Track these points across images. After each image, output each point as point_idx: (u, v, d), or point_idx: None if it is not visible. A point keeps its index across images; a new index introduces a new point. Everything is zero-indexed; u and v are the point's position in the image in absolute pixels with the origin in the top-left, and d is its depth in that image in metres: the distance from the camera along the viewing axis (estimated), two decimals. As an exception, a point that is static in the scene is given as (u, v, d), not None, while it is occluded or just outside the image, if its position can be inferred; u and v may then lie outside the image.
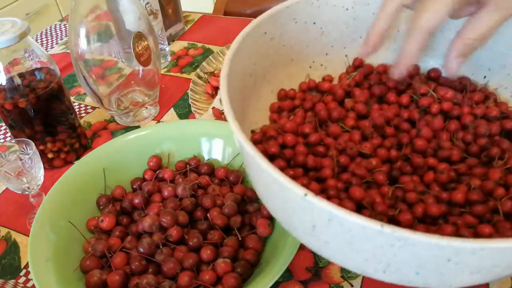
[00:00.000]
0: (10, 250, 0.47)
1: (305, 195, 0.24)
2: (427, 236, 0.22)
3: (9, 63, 0.48)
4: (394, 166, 0.36)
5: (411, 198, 0.32)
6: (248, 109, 0.39)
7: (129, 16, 0.55)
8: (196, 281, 0.38)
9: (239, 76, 0.36)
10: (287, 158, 0.36)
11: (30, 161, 0.45)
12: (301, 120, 0.39)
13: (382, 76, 0.43)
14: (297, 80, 0.43)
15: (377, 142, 0.37)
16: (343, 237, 0.26)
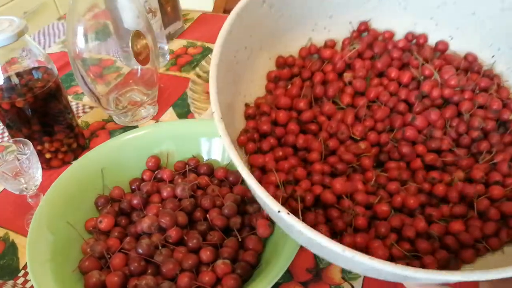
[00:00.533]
0: (9, 251, 0.47)
1: (278, 211, 0.25)
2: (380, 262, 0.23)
3: (6, 62, 0.48)
4: (383, 149, 0.36)
5: (391, 188, 0.33)
6: (243, 81, 0.37)
7: (128, 14, 0.55)
8: (196, 282, 0.38)
9: (232, 53, 0.34)
10: (278, 136, 0.36)
11: (27, 161, 0.45)
12: (297, 92, 0.38)
13: (387, 44, 0.41)
14: (298, 44, 0.42)
15: (369, 124, 0.36)
16: (314, 247, 0.27)
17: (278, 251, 0.39)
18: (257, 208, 0.44)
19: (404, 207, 0.33)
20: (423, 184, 0.33)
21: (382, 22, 0.42)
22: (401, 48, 0.41)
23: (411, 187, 0.33)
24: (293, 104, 0.38)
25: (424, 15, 0.41)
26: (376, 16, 0.42)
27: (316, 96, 0.39)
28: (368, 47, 0.41)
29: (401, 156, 0.35)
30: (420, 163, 0.35)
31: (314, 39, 0.42)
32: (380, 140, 0.36)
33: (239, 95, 0.37)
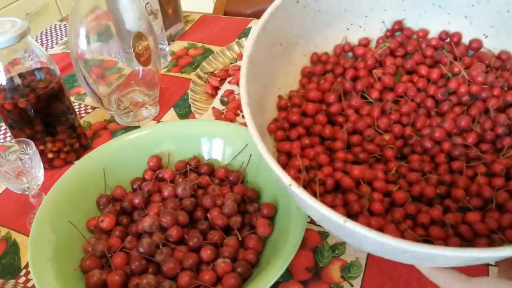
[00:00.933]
0: (10, 250, 0.47)
1: (290, 185, 0.27)
2: (375, 233, 0.24)
3: (9, 63, 0.48)
4: (407, 143, 0.36)
5: (412, 178, 0.34)
6: (278, 73, 0.39)
7: (129, 16, 0.55)
8: (196, 281, 0.38)
9: (266, 47, 0.36)
10: (306, 126, 0.38)
11: (30, 161, 0.45)
12: (329, 87, 0.40)
13: (420, 42, 0.42)
14: (333, 42, 0.43)
15: (395, 117, 0.37)
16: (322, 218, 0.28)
17: (278, 250, 0.39)
18: (257, 207, 0.45)
19: (422, 196, 0.33)
20: (444, 175, 0.34)
21: (417, 22, 0.43)
22: (434, 46, 0.41)
23: (432, 178, 0.34)
24: (323, 97, 0.39)
25: (458, 13, 0.41)
26: (411, 15, 0.42)
27: (346, 90, 0.40)
28: (400, 45, 0.42)
29: (424, 150, 0.36)
30: (443, 158, 0.35)
31: (348, 37, 0.43)
32: (404, 133, 0.37)
33: (273, 87, 0.39)
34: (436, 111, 0.38)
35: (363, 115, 0.38)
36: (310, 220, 0.47)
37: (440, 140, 0.36)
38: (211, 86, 0.67)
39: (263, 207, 0.44)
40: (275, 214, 0.44)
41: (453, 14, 0.41)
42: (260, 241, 0.42)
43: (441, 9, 0.41)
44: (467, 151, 0.35)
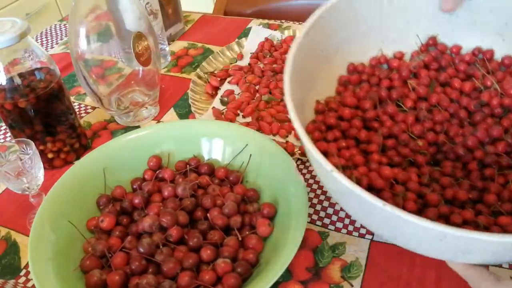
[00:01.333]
0: (10, 250, 0.47)
1: (331, 170, 0.28)
2: (414, 217, 0.25)
3: (9, 63, 0.48)
4: (440, 149, 0.37)
5: (444, 182, 0.35)
6: (316, 79, 0.41)
7: (129, 16, 0.55)
8: (196, 281, 0.38)
9: (307, 53, 0.37)
10: (342, 129, 0.39)
11: (30, 161, 0.45)
12: (364, 95, 0.41)
13: (455, 58, 0.43)
14: (368, 54, 0.45)
15: (429, 125, 0.38)
16: (362, 207, 0.30)
17: (278, 250, 0.39)
18: (257, 207, 0.45)
19: (454, 199, 0.34)
20: (476, 181, 0.35)
21: (450, 37, 0.44)
22: (467, 62, 0.43)
23: (464, 183, 0.35)
24: (359, 104, 0.41)
25: (491, 31, 0.42)
26: (444, 31, 0.44)
27: (381, 98, 0.41)
28: (434, 59, 0.43)
29: (457, 157, 0.37)
30: (475, 165, 0.36)
31: (384, 50, 0.45)
32: (437, 140, 0.38)
33: (312, 92, 0.40)
34: (469, 121, 0.40)
35: (398, 122, 0.39)
36: (310, 220, 0.47)
37: (472, 148, 0.37)
38: (211, 86, 0.67)
39: (263, 207, 0.44)
40: (275, 214, 0.44)
41: (486, 31, 0.42)
42: (260, 241, 0.42)
43: (474, 26, 0.43)
44: (499, 159, 0.36)
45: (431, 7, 0.42)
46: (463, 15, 0.43)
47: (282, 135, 0.57)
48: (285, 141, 0.56)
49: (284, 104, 0.61)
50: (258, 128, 0.57)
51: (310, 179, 0.52)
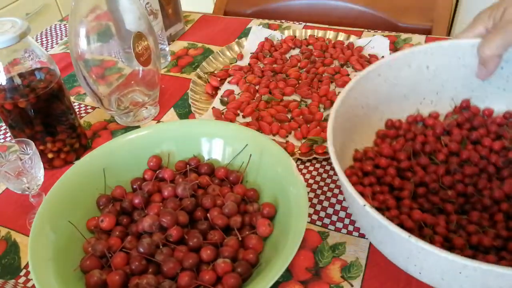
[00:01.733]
0: (10, 250, 0.47)
1: (364, 205, 0.32)
2: (436, 249, 0.28)
3: (9, 63, 0.48)
4: (469, 200, 0.41)
5: (471, 229, 0.38)
6: (356, 131, 0.45)
7: (129, 16, 0.55)
8: (196, 281, 0.38)
9: (350, 108, 0.42)
10: (378, 176, 0.43)
11: (30, 161, 0.45)
12: (400, 147, 0.45)
13: (486, 120, 0.47)
14: (406, 112, 0.49)
15: (459, 178, 0.42)
16: (389, 240, 0.33)
17: (278, 250, 0.39)
18: (257, 207, 0.45)
19: (479, 245, 0.37)
20: (501, 231, 0.37)
21: (483, 101, 0.48)
22: (498, 123, 0.46)
23: (490, 232, 0.37)
24: (394, 155, 0.45)
25: None
26: (477, 95, 0.48)
27: (415, 151, 0.45)
28: (467, 120, 0.47)
29: (484, 208, 0.40)
30: (501, 217, 0.38)
31: (420, 110, 0.49)
32: (466, 191, 0.41)
33: (351, 141, 0.45)
34: (497, 176, 0.42)
35: (429, 172, 0.43)
36: (310, 220, 0.47)
37: (499, 200, 0.40)
38: (211, 86, 0.67)
39: (263, 207, 0.44)
40: (275, 214, 0.44)
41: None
42: (260, 241, 0.42)
43: (505, 92, 0.46)
44: None
45: (466, 73, 0.46)
46: (495, 82, 0.46)
47: (282, 135, 0.57)
48: (285, 141, 0.56)
49: (284, 104, 0.61)
50: (258, 128, 0.57)
51: (310, 179, 0.52)
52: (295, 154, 0.54)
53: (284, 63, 0.70)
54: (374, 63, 0.45)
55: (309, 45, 0.75)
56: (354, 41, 0.73)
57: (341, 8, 0.98)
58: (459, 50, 0.45)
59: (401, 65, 0.46)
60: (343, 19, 0.97)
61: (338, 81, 0.65)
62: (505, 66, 0.45)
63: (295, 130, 0.57)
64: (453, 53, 0.45)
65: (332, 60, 0.70)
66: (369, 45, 0.72)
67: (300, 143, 0.56)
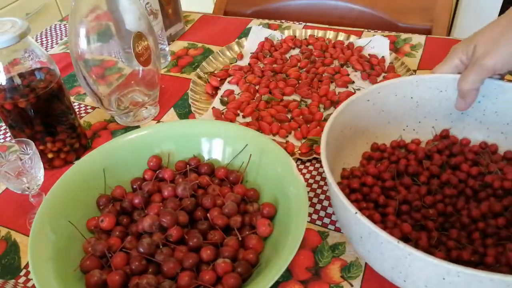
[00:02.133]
0: (10, 250, 0.47)
1: (355, 213, 0.34)
2: (423, 254, 0.30)
3: (9, 63, 0.48)
4: (448, 219, 0.43)
5: (451, 244, 0.40)
6: (344, 152, 0.48)
7: (129, 16, 0.55)
8: (196, 281, 0.38)
9: (340, 128, 0.45)
10: (364, 193, 0.46)
11: (30, 161, 0.45)
12: (384, 169, 0.49)
13: (464, 148, 0.50)
14: (390, 138, 0.53)
15: (439, 198, 0.45)
16: (377, 248, 0.35)
17: (278, 250, 0.39)
18: (257, 207, 0.45)
19: (458, 260, 0.39)
20: (478, 248, 0.40)
21: (461, 132, 0.52)
22: (475, 152, 0.50)
23: (468, 248, 0.40)
24: (379, 174, 0.48)
25: (496, 129, 0.50)
26: (456, 126, 0.52)
27: (399, 171, 0.48)
28: (446, 147, 0.50)
29: (462, 226, 0.42)
30: (478, 235, 0.41)
31: (403, 136, 0.53)
32: (446, 210, 0.44)
33: (339, 161, 0.48)
34: (474, 199, 0.45)
35: (412, 192, 0.46)
36: (310, 220, 0.47)
37: (476, 219, 0.42)
38: (211, 86, 0.67)
39: (263, 207, 0.44)
40: (275, 214, 0.44)
41: (492, 129, 0.50)
42: (260, 241, 0.42)
43: (481, 124, 0.50)
44: (499, 231, 0.41)
45: (447, 105, 0.50)
46: (473, 114, 0.50)
47: (282, 135, 0.57)
48: (285, 141, 0.56)
49: (284, 104, 0.61)
50: (258, 128, 0.57)
51: (310, 179, 0.52)
52: (295, 154, 0.54)
53: (284, 63, 0.70)
54: (365, 88, 0.48)
55: (309, 45, 0.75)
56: (354, 41, 0.74)
57: (341, 8, 0.98)
58: (443, 84, 0.48)
59: (388, 92, 0.49)
60: (343, 19, 0.97)
61: (338, 81, 0.65)
62: (482, 100, 0.48)
63: (295, 130, 0.57)
64: (436, 86, 0.49)
65: (332, 60, 0.70)
66: (369, 45, 0.72)
67: (300, 143, 0.56)
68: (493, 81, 0.47)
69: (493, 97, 0.48)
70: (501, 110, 0.48)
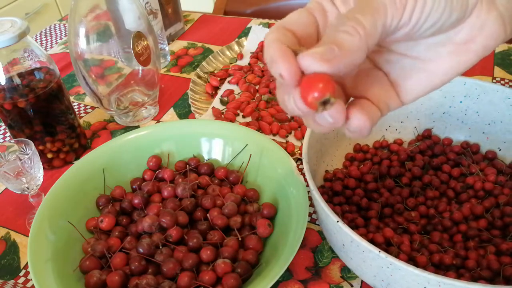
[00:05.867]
0: (10, 251, 0.47)
1: (337, 221, 0.34)
2: (405, 264, 0.31)
3: (8, 63, 0.48)
4: (430, 222, 0.44)
5: (433, 248, 0.40)
6: (327, 154, 0.48)
7: (129, 15, 0.55)
8: (196, 281, 0.38)
9: (321, 133, 0.45)
10: (346, 196, 0.46)
11: (29, 161, 0.45)
12: (367, 170, 0.49)
13: (446, 148, 0.51)
14: (373, 138, 0.53)
15: (421, 200, 0.46)
16: (360, 256, 0.35)
17: (278, 251, 0.39)
18: (257, 207, 0.45)
19: (441, 263, 0.39)
20: (460, 251, 0.40)
21: (443, 132, 0.52)
22: (456, 152, 0.50)
23: (450, 251, 0.40)
24: (362, 176, 0.48)
25: (477, 129, 0.50)
26: (438, 126, 0.52)
27: (381, 174, 0.48)
28: (428, 147, 0.51)
29: (444, 229, 0.43)
30: (460, 238, 0.42)
31: (386, 136, 0.53)
32: (428, 213, 0.44)
33: (322, 163, 0.48)
34: (455, 200, 0.46)
35: (394, 194, 0.46)
36: (310, 220, 0.47)
37: (458, 221, 0.43)
38: (211, 86, 0.67)
39: (263, 207, 0.44)
40: (275, 214, 0.44)
41: (473, 129, 0.50)
42: (260, 241, 0.41)
43: (463, 124, 0.50)
44: (480, 233, 0.42)
45: (430, 106, 0.50)
46: (455, 114, 0.50)
47: (282, 135, 0.56)
48: (285, 141, 0.56)
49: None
50: (258, 128, 0.57)
51: (310, 179, 0.52)
52: (295, 154, 0.54)
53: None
54: None
55: (309, 44, 0.75)
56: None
57: (341, 8, 0.97)
58: None
59: None
60: (343, 18, 0.97)
61: (338, 81, 0.64)
62: (463, 100, 0.49)
63: (295, 130, 0.57)
64: None
65: (332, 59, 0.70)
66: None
67: (300, 143, 0.56)
68: (474, 81, 0.47)
69: (475, 97, 0.48)
70: (483, 110, 0.48)
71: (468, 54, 0.25)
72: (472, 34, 0.25)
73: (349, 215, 0.44)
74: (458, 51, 0.25)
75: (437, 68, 0.26)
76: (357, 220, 0.43)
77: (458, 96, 0.49)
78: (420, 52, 0.26)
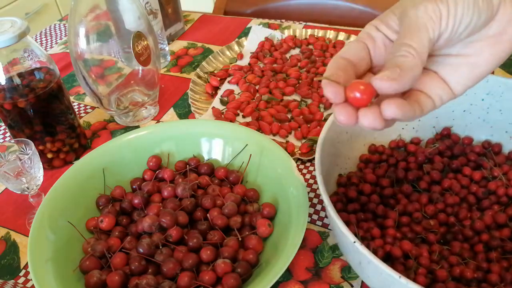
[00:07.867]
0: (10, 250, 0.47)
1: (354, 242, 0.32)
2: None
3: (8, 63, 0.48)
4: (450, 230, 0.42)
5: (453, 261, 0.39)
6: (340, 156, 0.47)
7: (129, 15, 0.55)
8: (196, 281, 0.38)
9: (335, 134, 0.43)
10: (362, 203, 0.44)
11: (29, 161, 0.45)
12: (383, 173, 0.47)
13: (466, 148, 0.49)
14: (389, 137, 0.51)
15: (441, 207, 0.43)
16: (377, 277, 0.33)
17: (278, 251, 0.39)
18: (257, 207, 0.45)
19: (461, 277, 0.38)
20: (481, 263, 0.39)
21: (463, 130, 0.50)
22: (477, 153, 0.48)
23: (471, 263, 0.39)
24: (378, 181, 0.46)
25: (500, 128, 0.48)
26: (458, 124, 0.50)
27: (398, 178, 0.46)
28: (448, 148, 0.49)
29: (465, 238, 0.41)
30: (482, 248, 0.40)
31: (403, 135, 0.51)
32: (448, 221, 0.42)
33: (336, 166, 0.46)
34: (477, 206, 0.44)
35: (412, 201, 0.44)
36: (310, 220, 0.47)
37: (479, 231, 0.41)
38: (211, 86, 0.67)
39: (263, 207, 0.44)
40: (275, 214, 0.44)
41: (495, 128, 0.48)
42: (260, 242, 0.41)
43: (485, 122, 0.48)
44: (503, 243, 0.40)
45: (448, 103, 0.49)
46: (476, 112, 0.48)
47: (282, 135, 0.56)
48: (285, 141, 0.56)
49: (284, 103, 0.61)
50: (258, 128, 0.57)
51: (310, 179, 0.52)
52: (295, 154, 0.54)
53: (284, 63, 0.70)
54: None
55: (309, 44, 0.75)
56: (354, 41, 0.73)
57: (341, 8, 0.97)
58: None
59: None
60: (344, 18, 0.97)
61: (338, 81, 0.64)
62: (485, 97, 0.47)
63: (295, 130, 0.57)
64: None
65: (332, 59, 0.70)
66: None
67: (300, 143, 0.56)
68: (498, 78, 0.45)
69: (498, 95, 0.46)
70: (506, 108, 0.46)
71: (503, 44, 0.29)
72: (502, 27, 0.29)
73: (364, 224, 0.42)
74: (493, 43, 0.29)
75: (479, 60, 0.30)
76: (373, 230, 0.41)
77: (480, 93, 0.46)
78: (461, 50, 0.30)
